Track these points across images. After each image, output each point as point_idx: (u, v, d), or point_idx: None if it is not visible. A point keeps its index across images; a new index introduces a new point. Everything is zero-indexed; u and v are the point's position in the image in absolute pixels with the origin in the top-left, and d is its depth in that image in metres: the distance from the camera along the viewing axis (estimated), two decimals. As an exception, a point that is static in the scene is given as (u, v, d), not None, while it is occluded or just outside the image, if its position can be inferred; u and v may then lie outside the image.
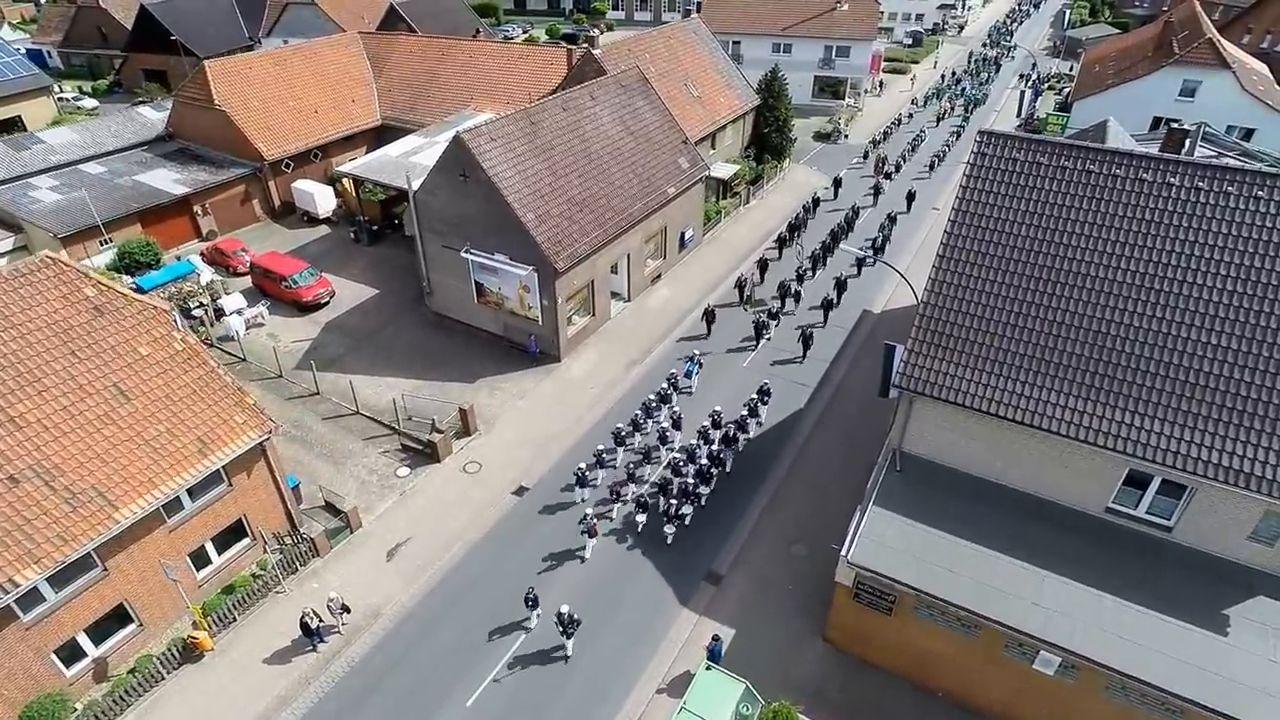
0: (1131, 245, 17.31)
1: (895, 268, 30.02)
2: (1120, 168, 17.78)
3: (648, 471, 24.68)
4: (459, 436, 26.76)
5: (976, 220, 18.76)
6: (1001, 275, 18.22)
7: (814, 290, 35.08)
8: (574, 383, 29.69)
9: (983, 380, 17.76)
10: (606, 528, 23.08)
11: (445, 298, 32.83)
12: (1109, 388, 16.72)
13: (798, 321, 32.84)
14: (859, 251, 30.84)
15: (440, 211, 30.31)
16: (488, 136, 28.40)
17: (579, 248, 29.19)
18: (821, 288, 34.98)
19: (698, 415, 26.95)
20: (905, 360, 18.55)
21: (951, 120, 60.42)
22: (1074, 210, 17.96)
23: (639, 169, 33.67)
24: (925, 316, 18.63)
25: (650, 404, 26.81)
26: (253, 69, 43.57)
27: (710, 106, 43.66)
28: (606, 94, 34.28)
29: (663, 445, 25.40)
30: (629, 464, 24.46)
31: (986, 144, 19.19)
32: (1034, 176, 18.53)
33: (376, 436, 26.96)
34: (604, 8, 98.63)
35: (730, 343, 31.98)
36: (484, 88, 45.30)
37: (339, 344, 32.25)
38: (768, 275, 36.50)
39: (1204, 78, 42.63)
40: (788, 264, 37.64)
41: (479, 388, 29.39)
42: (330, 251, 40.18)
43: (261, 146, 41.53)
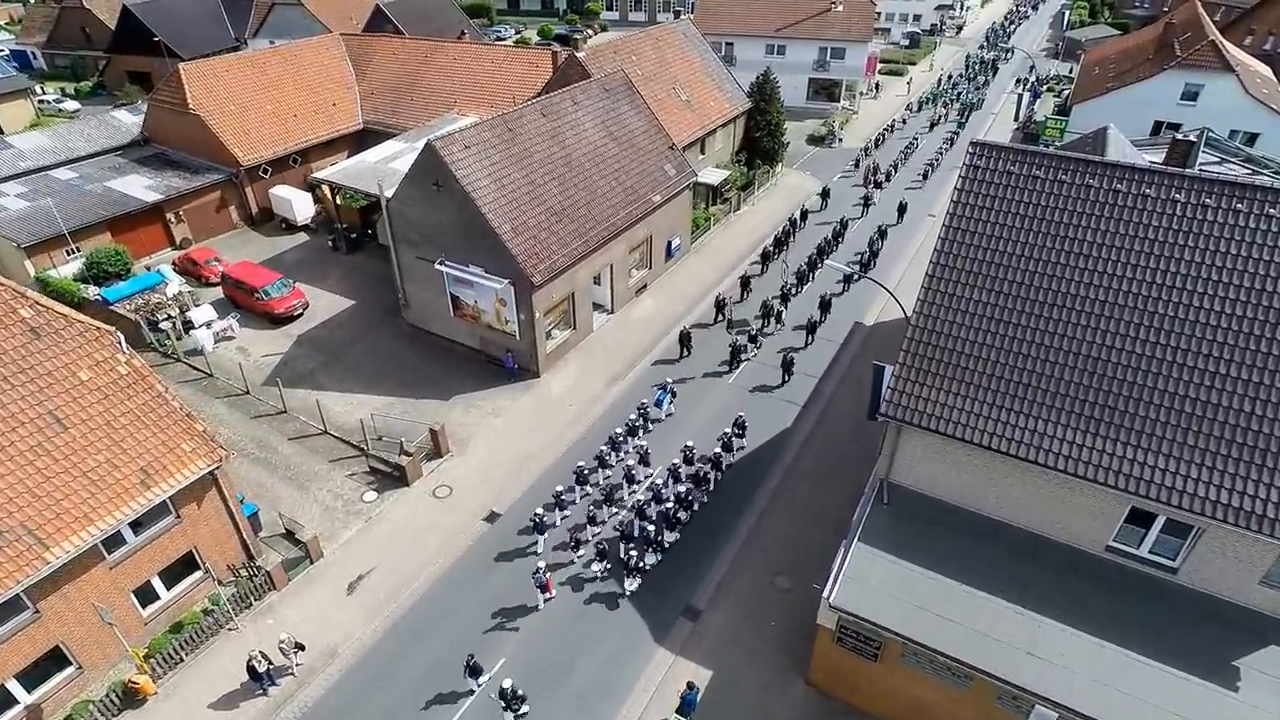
0: (1134, 266, 16.16)
1: (883, 285, 28.70)
2: (1122, 182, 16.63)
3: (610, 514, 23.04)
4: (430, 458, 25.61)
5: (968, 238, 17.61)
6: (995, 297, 17.07)
7: (799, 309, 33.50)
8: (552, 400, 28.53)
9: (975, 410, 16.61)
10: (565, 575, 21.38)
11: (421, 310, 31.68)
12: (1110, 419, 15.57)
13: (780, 343, 31.34)
14: (845, 268, 29.30)
15: (414, 222, 29.16)
16: (461, 144, 27.24)
17: (558, 260, 28.04)
18: (806, 306, 33.40)
19: (670, 446, 25.60)
20: (892, 387, 17.40)
21: (946, 126, 58.96)
22: (1073, 227, 16.81)
23: (623, 176, 32.51)
24: (913, 340, 17.47)
25: (617, 438, 25.03)
26: (229, 72, 42.39)
27: (700, 110, 42.51)
28: (589, 99, 33.11)
29: (629, 484, 23.68)
30: (590, 506, 22.76)
31: (979, 155, 18.04)
32: (1030, 191, 17.37)
33: (344, 458, 25.79)
34: (598, 8, 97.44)
35: (708, 366, 30.28)
36: (468, 91, 44.15)
37: (310, 358, 31.09)
38: (750, 292, 34.80)
39: (1206, 81, 41.48)
40: (772, 280, 35.88)
41: (454, 405, 28.23)
42: (307, 260, 39.03)
43: (237, 152, 40.37)
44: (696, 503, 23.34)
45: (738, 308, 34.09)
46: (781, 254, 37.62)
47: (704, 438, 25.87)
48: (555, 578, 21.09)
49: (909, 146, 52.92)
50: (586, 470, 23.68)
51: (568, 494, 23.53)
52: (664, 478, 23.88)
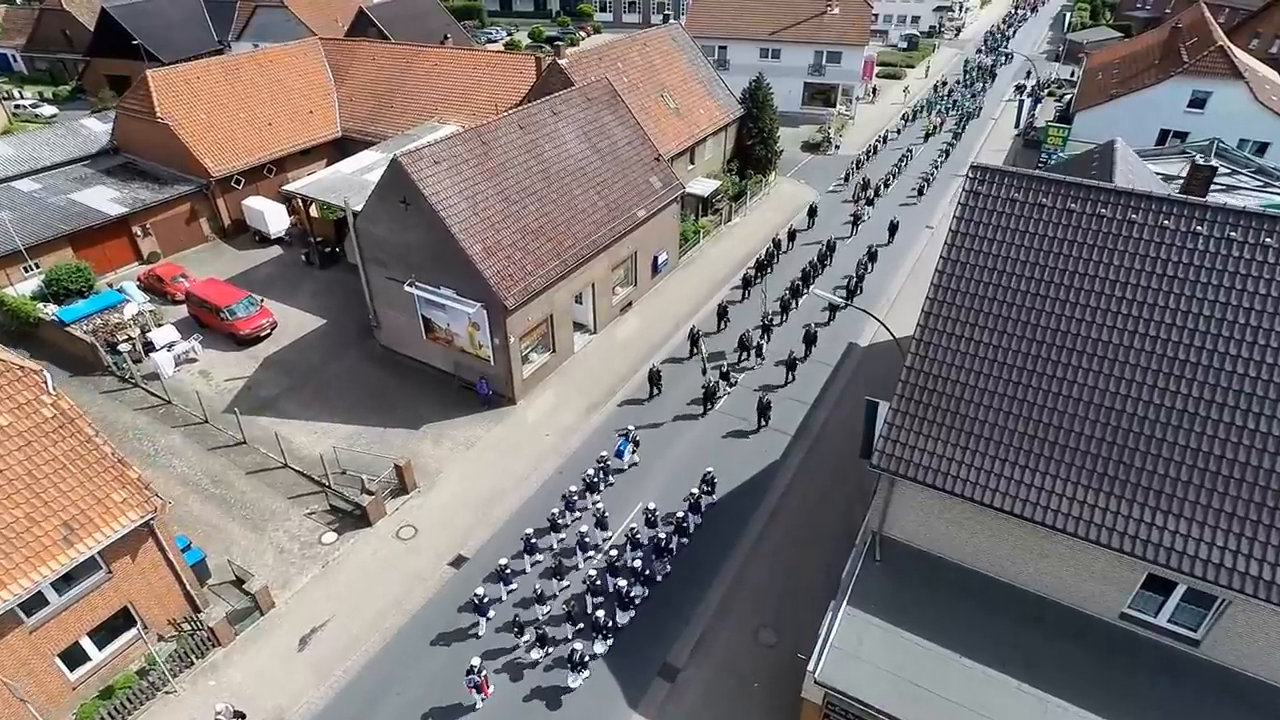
0: (1151, 305, 14.63)
1: (872, 314, 27.07)
2: (1137, 212, 15.10)
3: (561, 587, 20.74)
4: (395, 495, 24.06)
5: (968, 271, 16.08)
6: (998, 338, 15.54)
7: (781, 341, 31.01)
8: (528, 429, 26.98)
9: (975, 463, 15.07)
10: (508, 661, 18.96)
11: (393, 332, 30.13)
12: (1125, 477, 14.04)
13: (761, 378, 29.01)
14: (830, 296, 26.39)
15: (383, 241, 27.61)
16: (430, 159, 25.69)
17: (534, 281, 26.49)
18: (789, 339, 31.00)
19: (633, 501, 23.46)
20: (885, 435, 15.86)
21: (942, 136, 56.48)
22: (1083, 261, 15.28)
23: (606, 190, 30.96)
24: (908, 384, 15.94)
25: (571, 496, 22.66)
26: (200, 79, 40.81)
27: (689, 119, 40.97)
28: (570, 109, 31.55)
29: (581, 552, 21.37)
30: (537, 581, 20.50)
31: (980, 180, 16.51)
32: (1036, 220, 15.84)
33: (304, 495, 24.23)
34: (590, 10, 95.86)
35: (679, 407, 27.72)
36: (450, 98, 42.63)
37: (276, 382, 29.52)
38: (728, 323, 32.26)
39: (1215, 88, 40.01)
40: (752, 309, 33.24)
41: (424, 435, 26.68)
42: (280, 275, 37.47)
43: (207, 162, 38.79)
44: (659, 574, 20.87)
45: (714, 339, 31.35)
46: (763, 279, 34.74)
47: (671, 493, 23.69)
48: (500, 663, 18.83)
49: (902, 159, 50.44)
50: (534, 538, 21.18)
51: (516, 561, 21.15)
52: (622, 544, 21.35)
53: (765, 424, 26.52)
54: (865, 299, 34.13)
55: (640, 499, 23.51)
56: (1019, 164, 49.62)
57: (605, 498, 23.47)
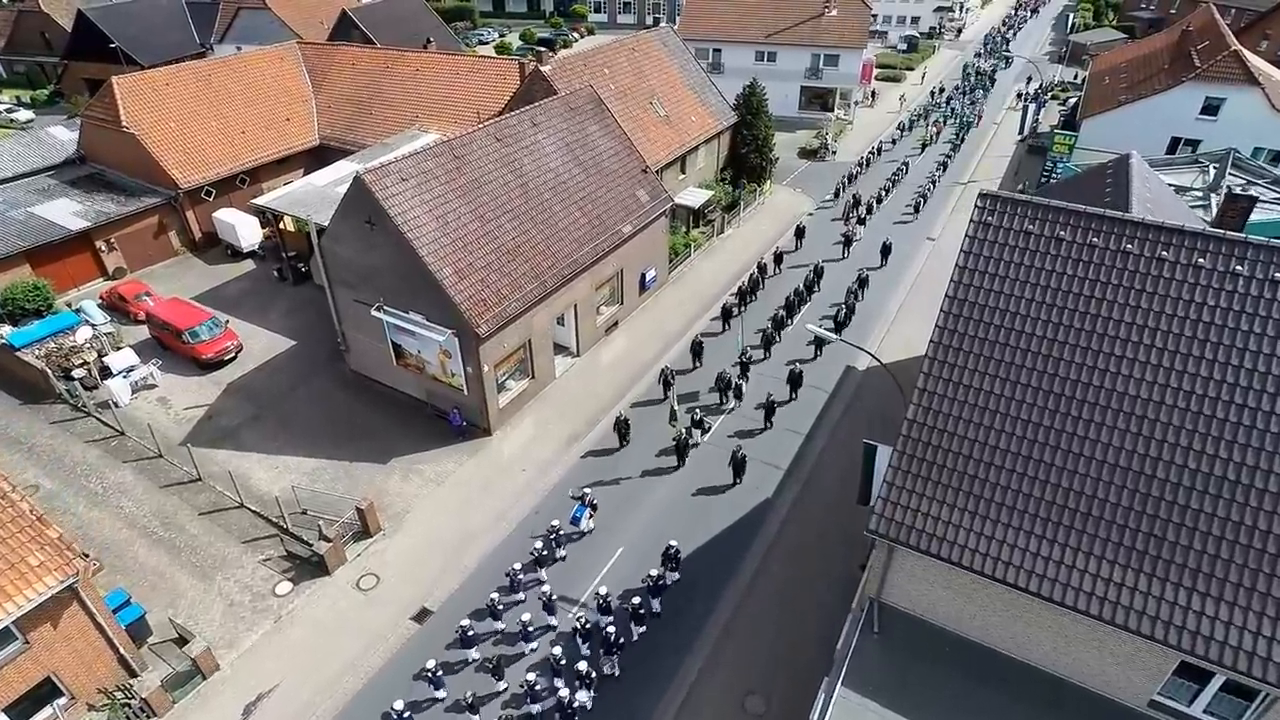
0: (1185, 355, 12.95)
1: (864, 349, 25.12)
2: (1168, 248, 13.42)
3: (499, 689, 18.14)
4: (358, 538, 22.37)
5: (977, 313, 14.39)
6: (1011, 389, 13.85)
7: (763, 379, 28.52)
8: (504, 463, 25.29)
9: (985, 531, 13.39)
10: None
11: (363, 356, 28.45)
12: (1156, 552, 12.37)
13: (740, 423, 26.49)
14: (820, 330, 23.38)
15: (349, 262, 25.93)
16: (397, 176, 23.99)
17: (509, 306, 24.80)
18: (771, 377, 28.55)
19: (587, 576, 20.98)
20: (885, 496, 14.18)
21: (939, 147, 53.12)
22: (1106, 304, 13.59)
23: (589, 206, 29.26)
24: (910, 439, 14.25)
25: (516, 575, 19.95)
26: (170, 85, 39.07)
27: (680, 126, 39.26)
28: (551, 119, 29.84)
29: (526, 642, 19.06)
30: (473, 682, 18.04)
31: (989, 210, 14.82)
32: (1053, 256, 14.16)
33: (260, 538, 22.54)
34: (584, 10, 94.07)
35: (647, 459, 25.08)
36: (431, 105, 40.92)
37: (239, 411, 27.83)
38: (702, 362, 29.45)
39: (1228, 94, 38.30)
40: (732, 341, 30.03)
41: (392, 470, 24.99)
42: (250, 292, 35.77)
43: (176, 173, 37.06)
44: (610, 672, 18.30)
45: (688, 379, 28.68)
46: (743, 310, 32.21)
47: (631, 566, 21.18)
48: None
49: (897, 173, 47.48)
50: (471, 630, 18.58)
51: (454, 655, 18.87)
52: (570, 635, 19.02)
53: (740, 480, 23.93)
54: (859, 321, 32.41)
55: (596, 574, 21.07)
56: (1023, 172, 47.97)
57: (556, 575, 20.94)
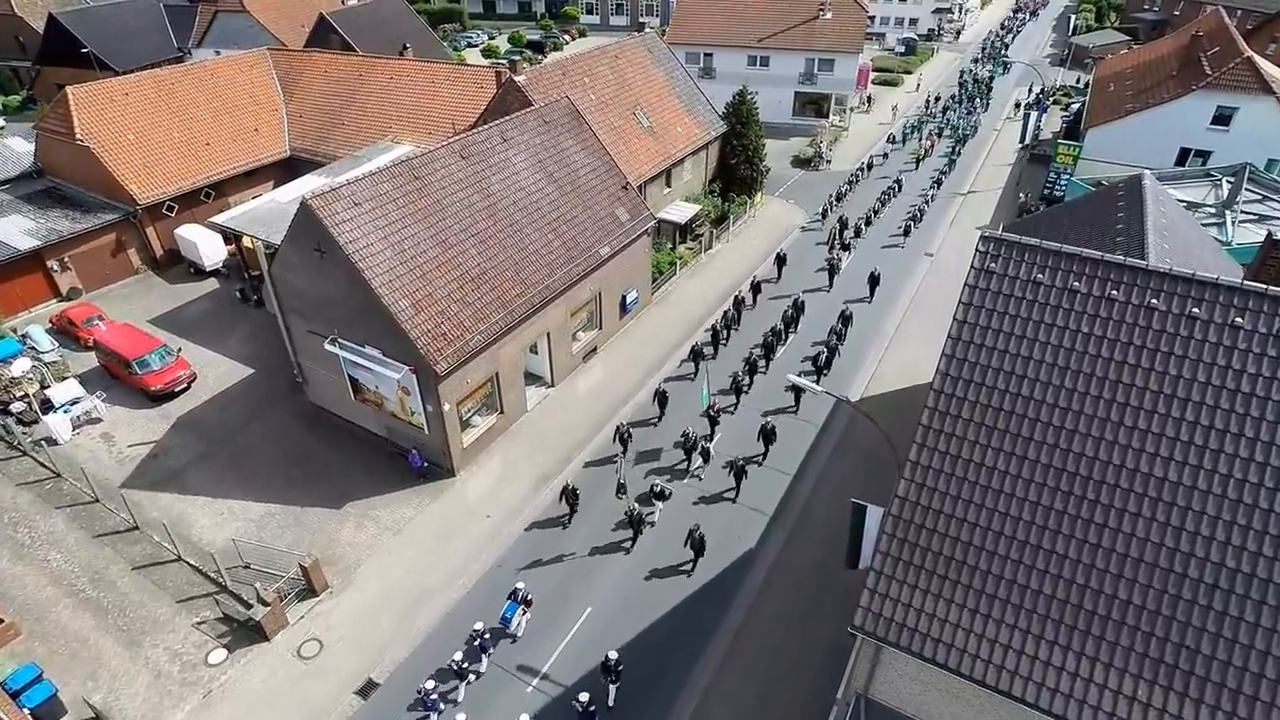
0: (1222, 432, 11.12)
1: (846, 399, 23.30)
2: (1201, 305, 11.59)
3: None
4: (303, 597, 20.52)
5: (978, 376, 12.56)
6: (1017, 466, 12.02)
7: (734, 434, 25.69)
8: (468, 508, 23.45)
9: (986, 632, 11.57)
10: None
11: (322, 389, 26.61)
12: (1188, 666, 10.55)
13: (705, 488, 23.71)
14: (797, 379, 20.86)
15: (301, 291, 24.09)
16: (349, 200, 22.14)
17: (472, 339, 22.95)
18: (741, 434, 25.54)
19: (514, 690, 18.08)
20: (872, 587, 12.35)
21: (934, 161, 49.97)
22: (1129, 369, 11.76)
23: (563, 227, 27.41)
24: (901, 520, 12.43)
25: (429, 695, 16.92)
26: (129, 95, 37.20)
27: (665, 138, 37.41)
28: (524, 134, 27.98)
29: None
30: None
31: (993, 256, 12.98)
32: (1065, 311, 12.32)
33: (196, 597, 20.69)
34: (576, 12, 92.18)
35: (599, 533, 22.25)
36: (405, 114, 39.08)
37: (187, 449, 25.98)
38: (665, 414, 26.56)
39: (1241, 103, 36.46)
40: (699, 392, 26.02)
41: (346, 516, 23.14)
42: (211, 314, 33.92)
43: (133, 188, 35.20)
44: None
45: (650, 434, 25.79)
46: (717, 352, 29.92)
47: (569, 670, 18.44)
48: None
49: (888, 191, 44.15)
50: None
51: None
52: None
53: (700, 557, 21.14)
54: (851, 344, 30.48)
55: (522, 692, 18.05)
56: (1025, 182, 46.10)
57: (474, 695, 17.87)
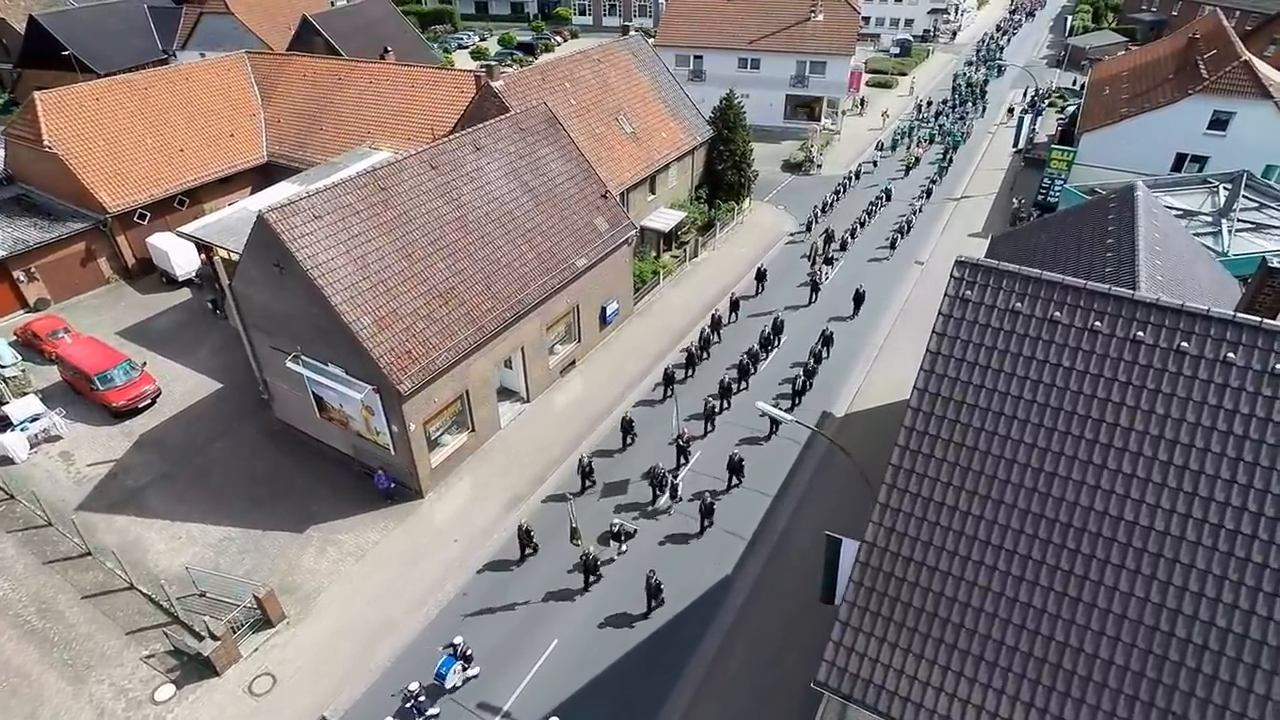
0: (1213, 478, 10.28)
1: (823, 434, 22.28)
2: (1191, 339, 10.74)
3: None
4: (257, 628, 19.66)
5: (953, 412, 11.71)
6: (994, 510, 11.18)
7: (706, 464, 24.40)
8: (434, 532, 22.59)
9: (958, 691, 10.73)
10: None
11: (288, 406, 25.76)
12: (1177, 735, 9.70)
13: (671, 526, 22.25)
14: (769, 407, 18.91)
15: (263, 307, 23.24)
16: (309, 214, 21.29)
17: (438, 358, 22.09)
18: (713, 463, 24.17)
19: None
20: (838, 640, 11.50)
21: (925, 169, 48.59)
22: (1113, 407, 10.92)
23: (538, 238, 26.56)
24: (870, 568, 11.58)
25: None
26: (100, 100, 36.31)
27: (649, 144, 36.54)
28: (498, 142, 27.13)
29: None
30: None
31: (968, 283, 12.12)
32: (1045, 343, 11.47)
33: (147, 628, 19.82)
34: (568, 13, 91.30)
35: (554, 576, 20.79)
36: (384, 119, 38.23)
37: (148, 467, 25.12)
38: (634, 439, 25.14)
39: (1238, 108, 35.66)
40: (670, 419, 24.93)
41: (308, 541, 22.28)
42: (183, 325, 33.06)
43: (104, 195, 34.31)
44: None
45: (616, 463, 24.48)
46: (691, 375, 28.52)
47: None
48: None
49: (875, 201, 42.80)
50: None
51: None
52: None
53: (658, 604, 19.79)
54: (836, 359, 29.62)
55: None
56: (1019, 187, 45.27)
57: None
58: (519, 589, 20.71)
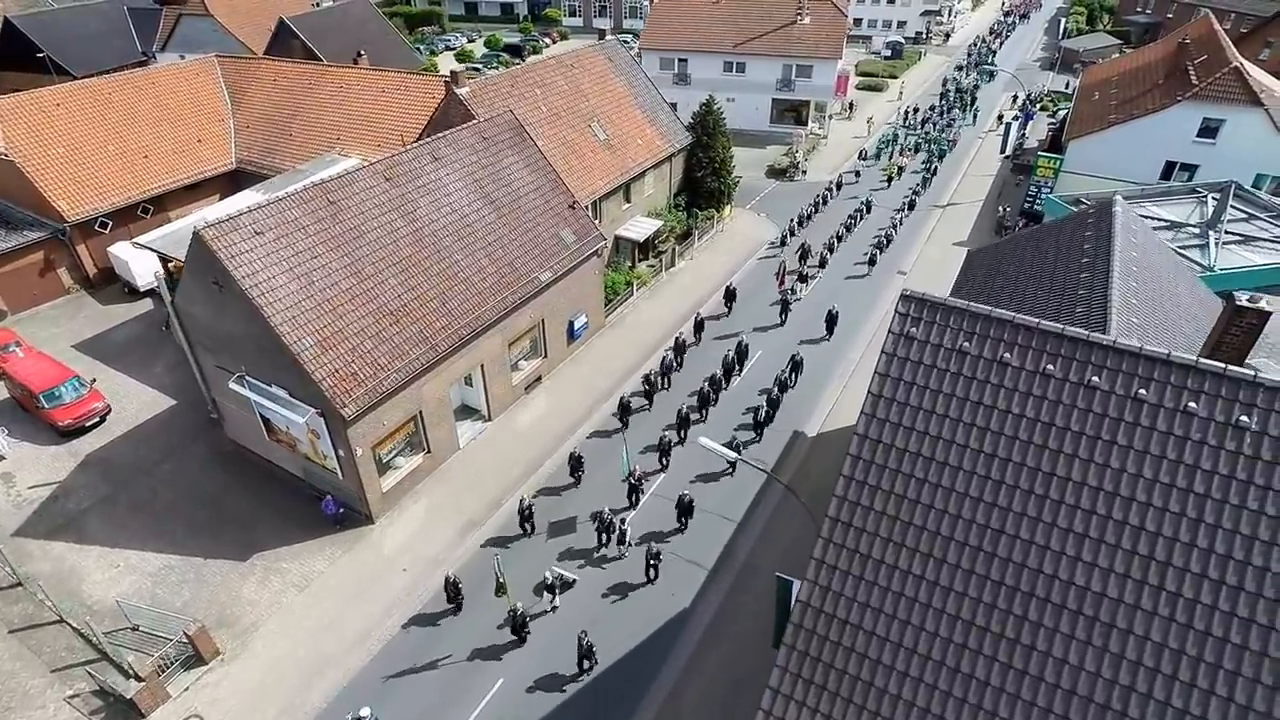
0: (1171, 541, 9.34)
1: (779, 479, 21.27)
2: (1150, 386, 9.81)
3: None
4: (190, 665, 18.75)
5: (894, 461, 10.78)
6: (935, 570, 10.25)
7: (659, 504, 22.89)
8: (383, 560, 21.68)
9: (898, 772, 9.82)
10: None
11: (239, 426, 24.85)
12: (1129, 828, 8.78)
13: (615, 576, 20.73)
14: (713, 445, 17.43)
15: (205, 325, 22.36)
16: (250, 230, 20.37)
17: (385, 380, 21.16)
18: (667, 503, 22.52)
19: None
20: (766, 709, 10.59)
21: (909, 179, 46.91)
22: (1065, 459, 9.99)
23: (499, 252, 25.64)
24: (803, 630, 10.67)
25: None
26: (61, 106, 35.40)
27: (623, 151, 35.60)
28: (458, 151, 26.21)
29: None
30: None
31: (913, 319, 11.19)
32: (994, 388, 10.53)
33: (74, 665, 18.92)
34: (557, 14, 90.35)
35: (484, 633, 19.32)
36: (353, 125, 37.30)
37: (92, 490, 24.23)
38: (582, 475, 23.72)
39: (1228, 115, 34.69)
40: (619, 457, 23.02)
41: (251, 569, 21.37)
42: (140, 338, 32.16)
43: (62, 204, 33.40)
44: None
45: (566, 500, 23.04)
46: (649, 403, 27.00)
47: None
48: None
49: (855, 214, 40.97)
50: None
51: None
52: None
53: (590, 665, 18.30)
54: (807, 379, 28.58)
55: None
56: (1007, 194, 44.36)
57: None
58: (445, 644, 19.30)
